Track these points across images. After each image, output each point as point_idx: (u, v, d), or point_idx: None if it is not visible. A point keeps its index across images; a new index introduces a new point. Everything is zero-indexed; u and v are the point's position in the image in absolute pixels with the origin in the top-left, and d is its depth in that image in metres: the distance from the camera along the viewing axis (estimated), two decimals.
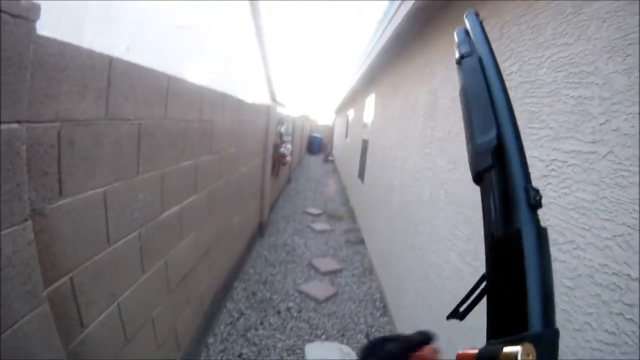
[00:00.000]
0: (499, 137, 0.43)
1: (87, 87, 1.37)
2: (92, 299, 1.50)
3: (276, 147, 7.03)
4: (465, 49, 0.55)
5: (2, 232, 0.97)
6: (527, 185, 0.38)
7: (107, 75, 1.49)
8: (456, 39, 0.58)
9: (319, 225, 7.09)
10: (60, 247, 1.30)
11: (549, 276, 0.36)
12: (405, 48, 4.18)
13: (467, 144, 0.49)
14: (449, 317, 0.51)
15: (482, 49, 0.53)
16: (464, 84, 0.53)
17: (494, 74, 0.49)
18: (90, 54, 1.38)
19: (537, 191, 0.38)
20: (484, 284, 0.45)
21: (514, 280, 0.36)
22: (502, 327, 0.36)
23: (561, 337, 1.15)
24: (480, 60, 0.52)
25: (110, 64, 1.50)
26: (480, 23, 0.57)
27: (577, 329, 1.16)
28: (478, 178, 0.45)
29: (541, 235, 0.37)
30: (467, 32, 0.57)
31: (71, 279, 1.36)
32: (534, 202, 0.37)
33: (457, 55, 0.56)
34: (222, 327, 3.50)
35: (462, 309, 0.49)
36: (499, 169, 0.42)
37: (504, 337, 0.34)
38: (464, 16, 0.60)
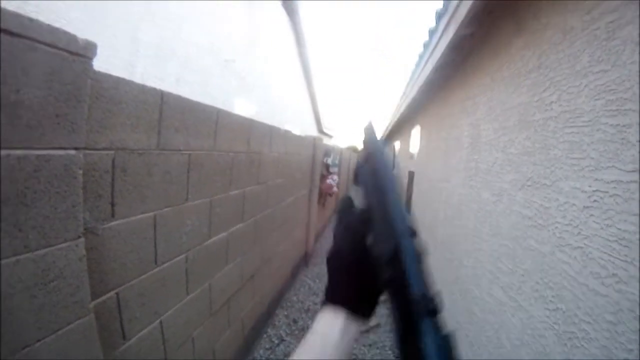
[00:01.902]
0: (395, 250, 0.44)
1: (140, 119, 1.50)
2: (136, 315, 1.60)
3: (323, 177, 7.12)
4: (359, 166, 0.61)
5: (56, 247, 1.09)
6: (423, 294, 0.39)
7: (159, 108, 1.62)
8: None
9: None
10: (109, 265, 1.41)
11: None
12: (447, 81, 4.18)
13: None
14: None
15: (376, 160, 0.56)
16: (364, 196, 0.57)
17: (390, 184, 0.52)
18: (142, 89, 1.51)
19: (432, 299, 0.39)
20: None
21: None
22: None
23: None
24: (374, 172, 0.55)
25: (161, 98, 1.63)
26: (372, 133, 0.61)
27: None
28: (385, 285, 0.47)
29: (443, 342, 0.37)
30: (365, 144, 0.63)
31: (117, 294, 1.46)
32: (431, 309, 0.38)
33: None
34: (261, 351, 3.53)
35: None
36: (397, 277, 0.43)
37: None
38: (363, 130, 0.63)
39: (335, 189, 7.98)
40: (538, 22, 1.90)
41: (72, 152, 1.12)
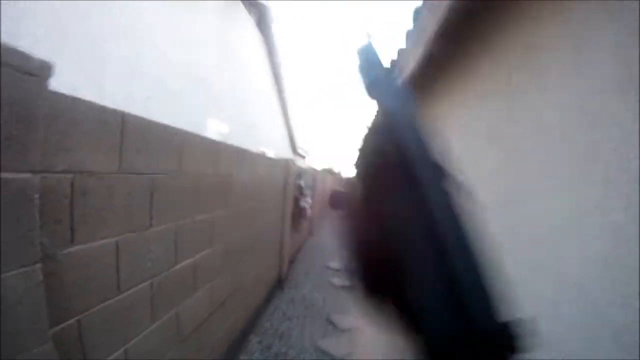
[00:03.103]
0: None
1: (100, 141, 1.44)
2: (99, 343, 1.51)
3: (295, 200, 7.06)
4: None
5: (14, 272, 1.02)
6: (502, 327, 0.26)
7: (120, 129, 1.56)
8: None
9: (340, 281, 6.93)
10: (70, 291, 1.33)
11: None
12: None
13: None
14: None
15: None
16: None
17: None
18: (102, 110, 1.45)
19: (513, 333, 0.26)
20: None
21: None
22: None
23: None
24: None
25: (122, 118, 1.57)
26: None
27: None
28: None
29: None
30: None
31: (79, 321, 1.38)
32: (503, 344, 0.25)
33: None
34: None
35: None
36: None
37: None
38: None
39: (308, 211, 7.93)
40: (505, 41, 1.93)
41: (28, 175, 1.06)
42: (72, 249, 1.33)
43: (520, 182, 1.69)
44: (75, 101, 1.30)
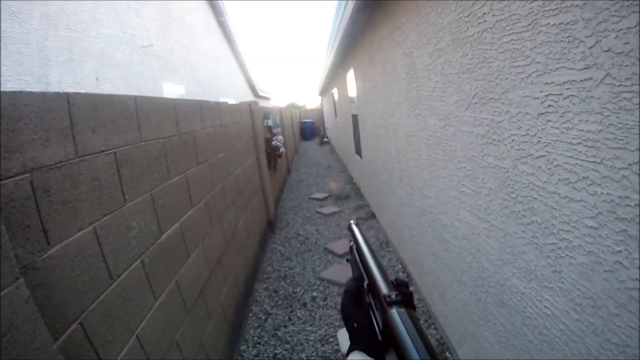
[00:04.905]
0: (369, 281, 0.62)
1: (50, 130, 1.31)
2: (109, 339, 1.46)
3: (268, 141, 6.95)
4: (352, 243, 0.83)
5: None
6: (384, 294, 0.52)
7: (68, 113, 1.41)
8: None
9: (327, 209, 7.06)
10: (62, 296, 1.25)
11: (423, 334, 0.44)
12: (372, 17, 4.06)
13: None
14: None
15: (360, 242, 0.76)
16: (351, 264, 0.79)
17: (365, 251, 0.71)
18: (44, 97, 1.30)
19: (394, 293, 0.51)
20: None
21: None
22: None
23: (593, 281, 1.08)
24: (358, 249, 0.75)
25: (68, 100, 1.42)
26: (358, 228, 0.86)
27: (608, 270, 1.09)
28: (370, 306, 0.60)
29: (403, 314, 0.48)
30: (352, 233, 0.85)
31: (81, 324, 1.32)
32: (390, 300, 0.50)
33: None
34: (251, 331, 3.49)
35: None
36: (374, 297, 0.58)
37: None
38: (350, 226, 0.90)
39: (282, 149, 7.84)
40: None
41: None
42: (51, 251, 1.23)
43: (493, 77, 1.63)
44: (15, 95, 1.17)
